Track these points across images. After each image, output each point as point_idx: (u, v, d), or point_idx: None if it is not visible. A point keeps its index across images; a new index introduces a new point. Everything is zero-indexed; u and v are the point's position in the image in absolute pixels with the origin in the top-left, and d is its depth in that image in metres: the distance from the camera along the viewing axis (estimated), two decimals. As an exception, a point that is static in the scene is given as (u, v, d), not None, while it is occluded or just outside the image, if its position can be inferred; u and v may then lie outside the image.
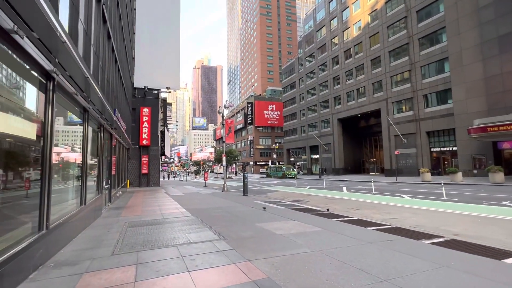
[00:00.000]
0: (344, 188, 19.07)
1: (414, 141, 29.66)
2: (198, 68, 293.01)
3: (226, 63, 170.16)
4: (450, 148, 26.98)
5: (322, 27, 45.88)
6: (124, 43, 20.12)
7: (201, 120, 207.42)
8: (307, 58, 49.90)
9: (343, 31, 40.82)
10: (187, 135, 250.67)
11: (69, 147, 6.00)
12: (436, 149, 28.47)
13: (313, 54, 47.98)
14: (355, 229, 6.40)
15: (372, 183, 17.22)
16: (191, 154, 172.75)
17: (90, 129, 7.43)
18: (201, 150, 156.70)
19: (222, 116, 22.38)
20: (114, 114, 9.01)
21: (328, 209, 9.56)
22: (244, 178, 16.82)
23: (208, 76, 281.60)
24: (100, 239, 5.64)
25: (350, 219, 8.05)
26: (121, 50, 17.51)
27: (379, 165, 40.87)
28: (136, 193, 18.68)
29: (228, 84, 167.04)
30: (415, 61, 29.56)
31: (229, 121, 22.66)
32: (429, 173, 22.84)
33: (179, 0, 31.48)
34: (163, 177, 54.93)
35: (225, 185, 20.35)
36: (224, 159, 22.17)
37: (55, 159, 4.68)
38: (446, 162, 28.26)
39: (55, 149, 4.62)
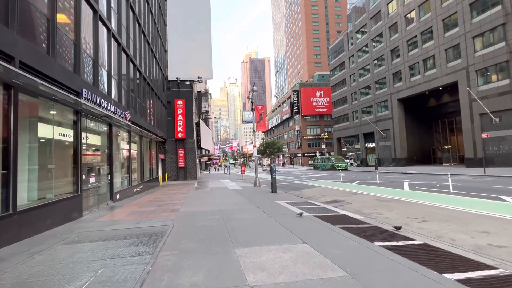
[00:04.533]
0: (406, 184, 14.50)
1: (512, 119, 21.96)
2: (246, 62, 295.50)
3: (273, 53, 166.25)
4: None
5: (376, -8, 38.67)
6: (153, 54, 19.43)
7: (251, 113, 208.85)
8: (357, 33, 43.17)
9: (403, -9, 33.36)
10: (238, 129, 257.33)
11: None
12: (549, 129, 20.43)
13: (365, 26, 41.09)
14: (420, 280, 3.10)
15: (449, 178, 12.30)
16: (242, 147, 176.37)
17: (20, 105, 5.70)
18: (251, 142, 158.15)
19: (252, 102, 19.82)
20: (82, 95, 7.30)
21: (398, 228, 5.53)
22: (272, 172, 13.99)
23: (256, 69, 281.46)
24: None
25: (410, 244, 4.59)
26: (148, 60, 16.95)
27: (456, 154, 32.72)
28: (162, 188, 17.74)
29: (275, 74, 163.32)
30: None
31: (260, 107, 19.98)
32: (540, 163, 16.10)
33: (208, -13, 29.76)
34: (209, 170, 55.84)
35: (257, 179, 17.89)
36: (254, 149, 19.74)
37: None
38: None
39: None
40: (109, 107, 9.26)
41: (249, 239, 4.95)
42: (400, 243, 4.69)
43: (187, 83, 27.64)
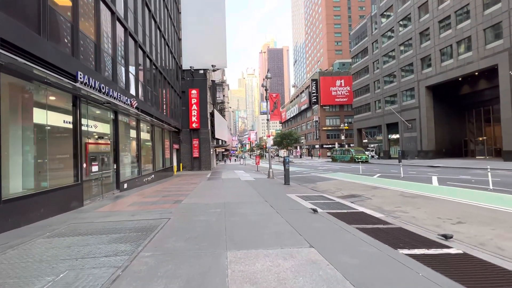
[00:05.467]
0: (434, 179, 13.09)
1: (562, 107, 19.26)
2: (265, 52, 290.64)
3: (292, 42, 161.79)
4: None
5: (404, -31, 35.40)
6: (166, 41, 18.75)
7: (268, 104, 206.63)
8: (382, 16, 40.11)
9: (435, -34, 30.14)
10: (256, 120, 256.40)
11: None
12: None
13: (391, 8, 38.00)
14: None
15: (489, 172, 10.73)
16: (259, 138, 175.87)
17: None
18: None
19: (266, 90, 18.89)
20: (77, 79, 6.87)
21: (448, 237, 4.20)
22: (285, 163, 13.19)
23: (275, 59, 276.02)
24: None
25: (445, 252, 3.67)
26: (161, 50, 16.16)
27: (492, 146, 29.81)
28: (174, 178, 17.57)
29: (294, 64, 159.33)
30: None
31: (274, 95, 19.00)
32: None
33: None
34: (225, 161, 55.97)
35: (270, 170, 17.18)
36: (269, 140, 18.92)
37: None
38: None
39: None
40: (111, 93, 8.85)
41: (247, 240, 4.27)
42: (432, 251, 3.77)
43: (201, 72, 27.15)
